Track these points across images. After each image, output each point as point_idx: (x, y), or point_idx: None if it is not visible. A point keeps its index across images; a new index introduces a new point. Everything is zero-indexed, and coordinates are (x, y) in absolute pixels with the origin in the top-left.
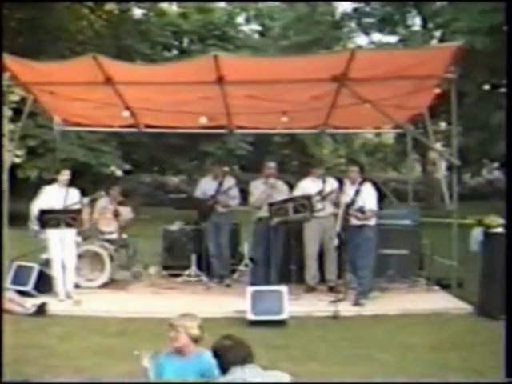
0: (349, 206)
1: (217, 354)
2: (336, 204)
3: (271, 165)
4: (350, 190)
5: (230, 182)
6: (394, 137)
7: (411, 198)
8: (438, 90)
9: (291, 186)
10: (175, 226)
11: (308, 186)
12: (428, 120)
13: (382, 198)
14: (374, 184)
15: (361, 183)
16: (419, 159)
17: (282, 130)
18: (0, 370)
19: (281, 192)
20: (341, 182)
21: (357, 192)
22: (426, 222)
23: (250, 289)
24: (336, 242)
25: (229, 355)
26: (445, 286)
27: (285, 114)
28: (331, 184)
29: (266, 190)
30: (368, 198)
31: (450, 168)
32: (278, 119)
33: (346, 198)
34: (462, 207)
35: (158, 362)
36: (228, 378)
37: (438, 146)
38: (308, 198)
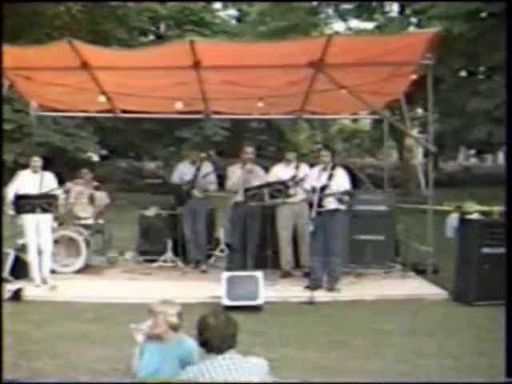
0: (322, 190)
1: (199, 329)
2: (306, 190)
3: (249, 150)
4: (322, 175)
5: (207, 167)
6: (371, 123)
7: (387, 184)
8: (414, 77)
9: (268, 172)
10: (151, 212)
11: (280, 171)
12: (404, 106)
13: (358, 183)
14: (347, 169)
15: (333, 168)
16: (396, 145)
17: (258, 116)
18: (0, 369)
19: (258, 177)
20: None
21: (330, 176)
22: (402, 208)
23: (226, 274)
24: (311, 227)
25: (208, 335)
26: (420, 272)
27: (261, 99)
28: (304, 170)
29: (243, 174)
30: (342, 181)
31: (426, 154)
32: (255, 105)
33: (318, 183)
34: (438, 193)
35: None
36: (195, 369)
37: (415, 132)
38: (284, 183)
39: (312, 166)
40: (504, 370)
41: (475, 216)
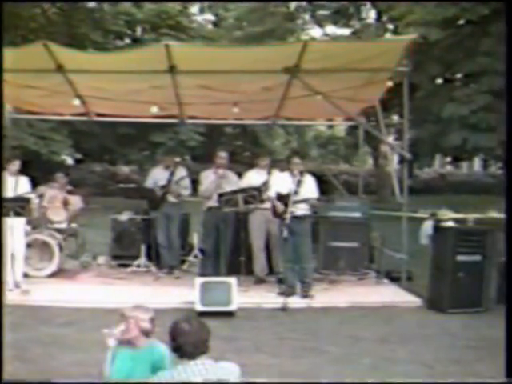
0: (287, 196)
1: (172, 335)
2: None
3: (222, 155)
4: (290, 182)
5: (181, 172)
6: (346, 129)
7: (362, 190)
8: (390, 83)
9: (241, 177)
10: (125, 216)
11: (253, 177)
12: (380, 113)
13: (332, 190)
14: (318, 176)
15: (301, 174)
16: (371, 152)
17: (233, 121)
18: (0, 370)
19: (231, 183)
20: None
21: (299, 183)
22: (377, 215)
23: (199, 280)
24: (285, 233)
25: (181, 340)
26: (394, 279)
27: (236, 104)
28: (276, 176)
29: (216, 180)
30: (310, 188)
31: (401, 161)
32: (230, 110)
33: (285, 189)
34: (413, 201)
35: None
36: (167, 375)
37: (390, 139)
38: (258, 189)
39: (282, 172)
40: (504, 370)
41: (450, 223)
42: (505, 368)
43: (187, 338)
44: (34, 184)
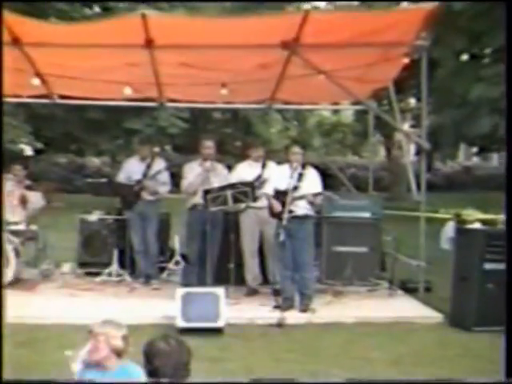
0: (285, 193)
1: (147, 356)
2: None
3: (208, 144)
4: (290, 176)
5: (159, 164)
6: (354, 115)
7: (372, 186)
8: (406, 60)
9: (231, 171)
10: (94, 216)
11: (244, 170)
12: (394, 95)
13: (337, 186)
14: (322, 170)
15: (303, 167)
16: (383, 141)
17: (222, 105)
18: (0, 370)
19: (219, 176)
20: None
21: (300, 177)
22: (390, 215)
23: (181, 290)
24: (282, 236)
25: (158, 362)
26: (410, 291)
27: (225, 85)
28: (272, 169)
29: (202, 173)
30: (313, 183)
31: (418, 152)
32: (218, 92)
33: (285, 184)
34: (432, 198)
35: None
36: None
37: (406, 126)
38: (250, 184)
39: (280, 164)
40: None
41: (476, 225)
42: (505, 367)
43: (165, 360)
44: None
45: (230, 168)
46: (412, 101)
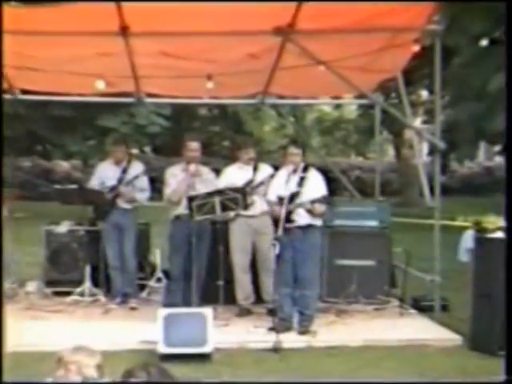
0: (291, 199)
1: None
2: (269, 202)
3: (194, 146)
4: (290, 180)
5: (137, 168)
6: (358, 110)
7: (379, 191)
8: (416, 47)
9: (219, 175)
10: (62, 228)
11: (234, 174)
12: (403, 87)
13: (340, 191)
14: (323, 172)
15: (305, 170)
16: (391, 140)
17: (208, 100)
18: (0, 370)
19: (206, 182)
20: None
21: (301, 181)
22: (400, 224)
23: (163, 311)
24: (277, 249)
25: None
26: (424, 309)
27: (211, 78)
28: (266, 172)
29: (187, 178)
30: (316, 188)
31: (432, 151)
32: (203, 85)
33: (285, 190)
34: (448, 204)
35: None
36: None
37: (418, 122)
38: (241, 190)
39: (277, 168)
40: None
41: (499, 234)
42: (505, 367)
43: None
44: None
45: (217, 172)
46: (424, 93)
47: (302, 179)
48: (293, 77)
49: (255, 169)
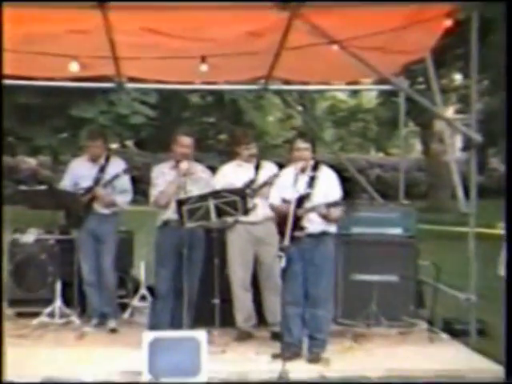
0: (300, 202)
1: None
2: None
3: (186, 141)
4: (299, 181)
5: (117, 166)
6: (379, 97)
7: (404, 193)
8: (448, 22)
9: (215, 174)
10: (29, 237)
11: (232, 173)
12: (432, 70)
13: (356, 193)
14: (335, 170)
15: (315, 168)
16: (418, 133)
17: (201, 86)
18: (0, 369)
19: (199, 182)
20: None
21: (311, 181)
22: (429, 232)
23: (149, 335)
24: (283, 262)
25: None
26: (458, 334)
27: (205, 59)
28: (270, 171)
29: (177, 178)
30: (330, 188)
31: (467, 146)
32: (195, 68)
33: (293, 192)
34: (485, 208)
35: None
36: None
37: (450, 111)
38: (241, 192)
39: (282, 166)
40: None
41: None
42: (505, 367)
43: None
44: None
45: (213, 170)
46: (458, 77)
47: (312, 179)
48: (301, 58)
49: (257, 167)
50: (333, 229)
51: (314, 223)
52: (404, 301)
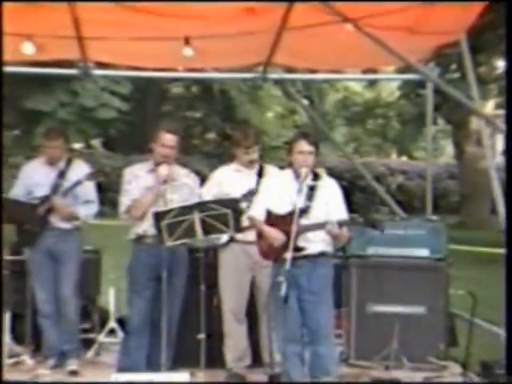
0: (289, 217)
1: None
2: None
3: (170, 140)
4: (299, 189)
5: (80, 170)
6: (402, 88)
7: (433, 205)
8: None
9: (203, 180)
10: None
11: (228, 180)
12: (468, 56)
13: (373, 205)
14: (339, 179)
15: (315, 177)
16: (450, 132)
17: (185, 74)
18: (0, 369)
19: (183, 191)
20: None
21: (311, 191)
22: (462, 254)
23: (119, 378)
24: (284, 289)
25: None
26: (499, 379)
27: (189, 41)
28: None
29: (156, 185)
30: (333, 201)
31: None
32: (178, 52)
33: (288, 203)
34: None
35: None
36: None
37: (489, 106)
38: (233, 203)
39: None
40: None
41: None
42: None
43: None
44: None
45: (200, 176)
46: (500, 65)
47: (311, 189)
48: (307, 41)
49: (260, 173)
50: (330, 248)
51: (311, 242)
52: (432, 338)
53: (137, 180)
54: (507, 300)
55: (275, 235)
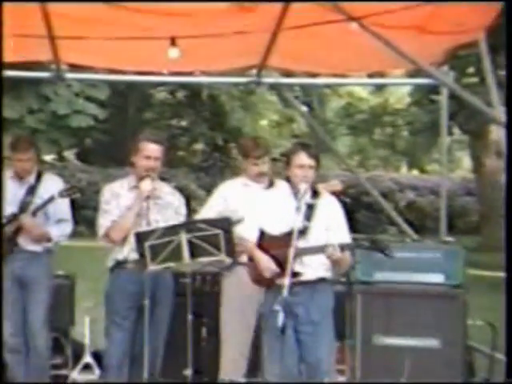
0: (287, 239)
1: None
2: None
3: (154, 150)
4: (297, 207)
5: (52, 185)
6: (413, 95)
7: (447, 225)
8: None
9: (188, 199)
10: None
11: (235, 196)
12: (487, 59)
13: (381, 225)
14: (352, 193)
15: (315, 194)
16: (468, 143)
17: (170, 78)
18: (0, 369)
19: (167, 209)
20: None
21: (309, 210)
22: (481, 279)
23: None
24: (281, 319)
25: None
26: None
27: (175, 41)
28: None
29: (138, 202)
30: (334, 222)
31: None
32: (162, 53)
33: (284, 223)
34: None
35: None
36: None
37: None
38: (225, 222)
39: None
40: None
41: None
42: (505, 368)
43: None
44: None
45: (184, 193)
46: None
47: (310, 208)
48: (307, 42)
49: (270, 188)
50: (330, 273)
51: (309, 267)
52: (447, 375)
53: (117, 199)
54: (507, 298)
55: (266, 265)
